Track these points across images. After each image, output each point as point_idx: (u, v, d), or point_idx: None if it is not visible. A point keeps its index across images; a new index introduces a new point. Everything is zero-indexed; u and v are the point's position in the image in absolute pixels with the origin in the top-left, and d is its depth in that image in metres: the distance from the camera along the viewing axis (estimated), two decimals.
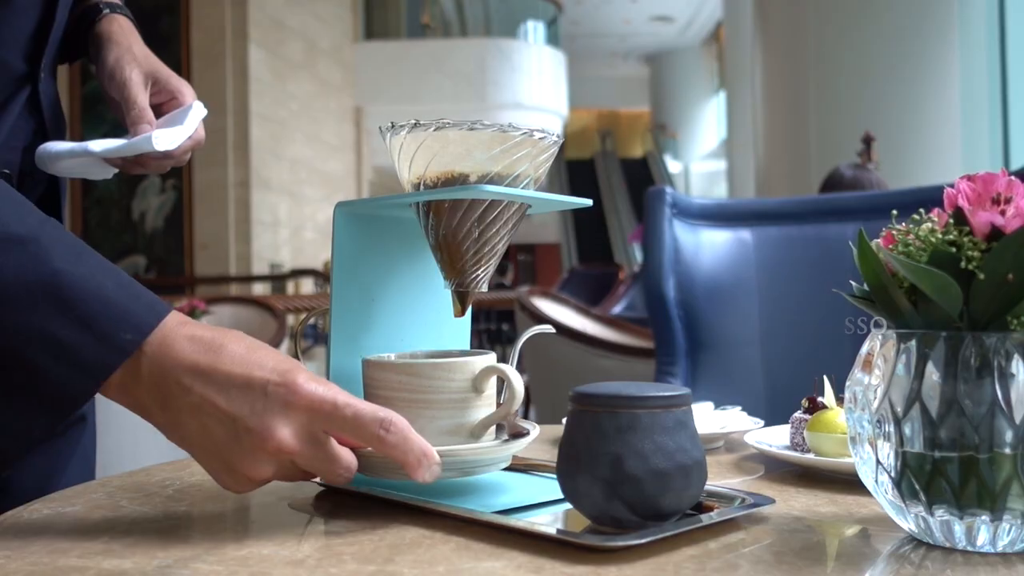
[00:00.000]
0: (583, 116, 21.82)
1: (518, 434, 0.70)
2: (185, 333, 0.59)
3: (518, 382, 0.65)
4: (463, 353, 0.70)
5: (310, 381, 0.59)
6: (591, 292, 6.73)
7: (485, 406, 0.67)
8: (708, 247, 1.67)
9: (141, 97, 0.83)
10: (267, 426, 0.57)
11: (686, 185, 18.55)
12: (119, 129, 0.86)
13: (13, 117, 0.79)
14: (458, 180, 0.68)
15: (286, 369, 0.59)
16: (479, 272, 0.71)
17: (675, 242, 1.65)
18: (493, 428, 0.68)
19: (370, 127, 10.87)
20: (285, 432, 0.57)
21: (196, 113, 0.83)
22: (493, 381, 0.67)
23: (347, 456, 0.61)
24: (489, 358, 0.67)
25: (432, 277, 0.78)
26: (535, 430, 0.70)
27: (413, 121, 0.68)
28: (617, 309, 5.70)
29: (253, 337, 0.63)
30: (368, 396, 0.66)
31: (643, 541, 0.54)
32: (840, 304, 1.45)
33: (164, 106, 0.86)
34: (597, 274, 8.15)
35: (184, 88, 0.87)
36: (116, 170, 0.84)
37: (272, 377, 0.58)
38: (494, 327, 6.39)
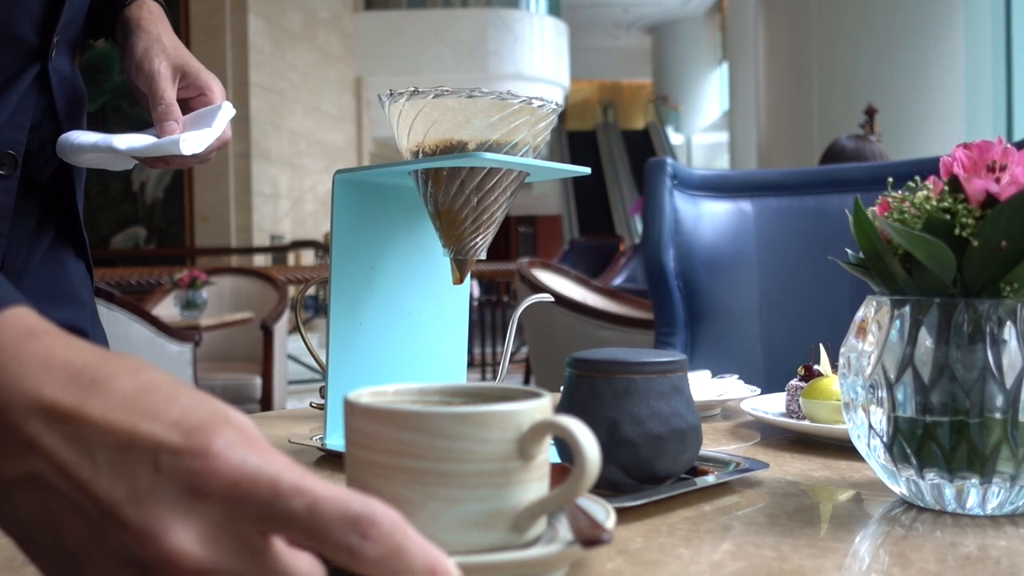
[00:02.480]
0: (585, 87, 21.70)
1: (594, 538, 0.41)
2: (37, 350, 0.36)
3: (590, 445, 0.40)
4: (500, 393, 0.46)
5: (235, 445, 0.35)
6: (592, 264, 6.74)
7: (535, 480, 0.43)
8: (708, 218, 1.67)
9: (169, 92, 0.81)
10: (153, 522, 0.34)
11: (688, 157, 18.49)
12: (121, 100, 0.85)
13: (19, 95, 0.78)
14: (457, 148, 0.69)
15: (197, 424, 0.35)
16: (478, 239, 0.72)
17: (675, 213, 1.65)
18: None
19: (370, 98, 10.81)
20: (184, 536, 0.34)
21: (225, 114, 0.81)
22: (548, 442, 0.44)
23: (307, 569, 0.36)
24: (542, 404, 0.43)
25: (431, 245, 0.78)
26: (610, 519, 0.45)
27: (412, 89, 0.69)
28: (617, 281, 5.71)
29: (153, 364, 0.39)
30: (352, 460, 0.43)
31: (638, 503, 0.55)
32: (839, 276, 1.46)
33: (192, 101, 0.84)
34: (598, 246, 8.15)
35: (213, 84, 0.85)
36: (136, 162, 0.83)
37: (171, 438, 0.35)
38: (495, 298, 6.40)
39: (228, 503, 0.34)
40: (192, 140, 0.77)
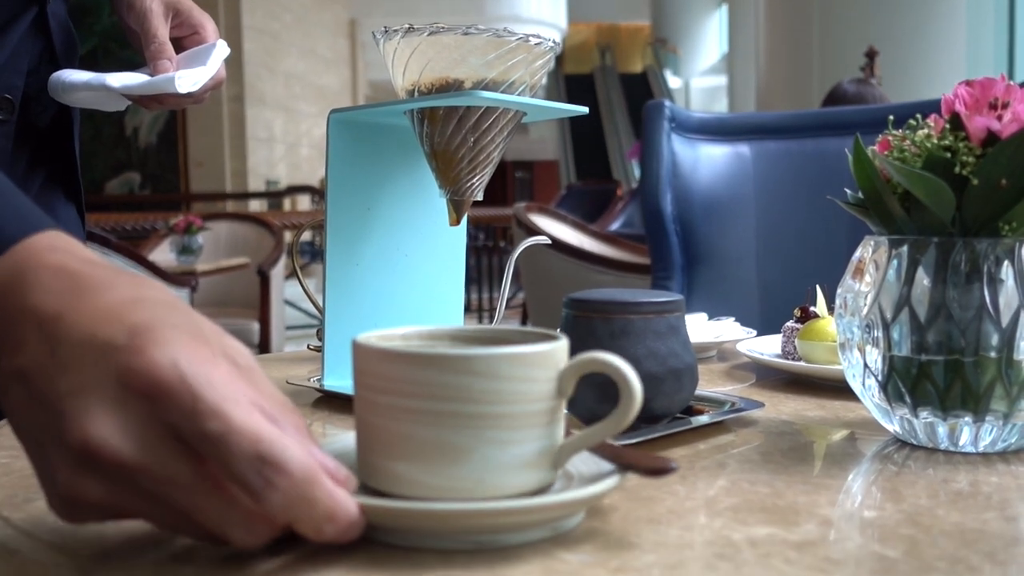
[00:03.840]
0: (582, 30, 21.38)
1: (663, 467, 0.42)
2: (53, 261, 0.40)
3: (635, 379, 0.41)
4: (510, 335, 0.46)
5: (174, 349, 0.36)
6: (589, 209, 6.71)
7: (563, 419, 0.44)
8: (706, 162, 1.66)
9: (161, 30, 0.79)
10: (82, 411, 0.35)
11: (686, 101, 18.29)
12: (111, 43, 0.84)
13: (17, 38, 0.76)
14: (453, 86, 0.68)
15: (145, 326, 0.37)
16: (474, 180, 0.71)
17: (673, 156, 1.64)
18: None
19: (365, 40, 10.66)
20: (106, 425, 0.35)
21: (219, 53, 0.80)
22: None
23: (219, 504, 0.36)
24: (566, 344, 0.43)
25: (428, 186, 0.77)
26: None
27: (407, 26, 0.67)
28: (614, 226, 5.70)
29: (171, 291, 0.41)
30: (384, 410, 0.40)
31: (634, 441, 0.56)
32: (837, 219, 1.45)
33: (184, 40, 0.83)
34: (595, 191, 8.11)
35: (206, 22, 0.83)
36: (129, 102, 0.82)
37: (117, 337, 0.36)
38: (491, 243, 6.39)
39: (151, 402, 0.35)
40: (187, 78, 0.76)
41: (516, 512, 0.39)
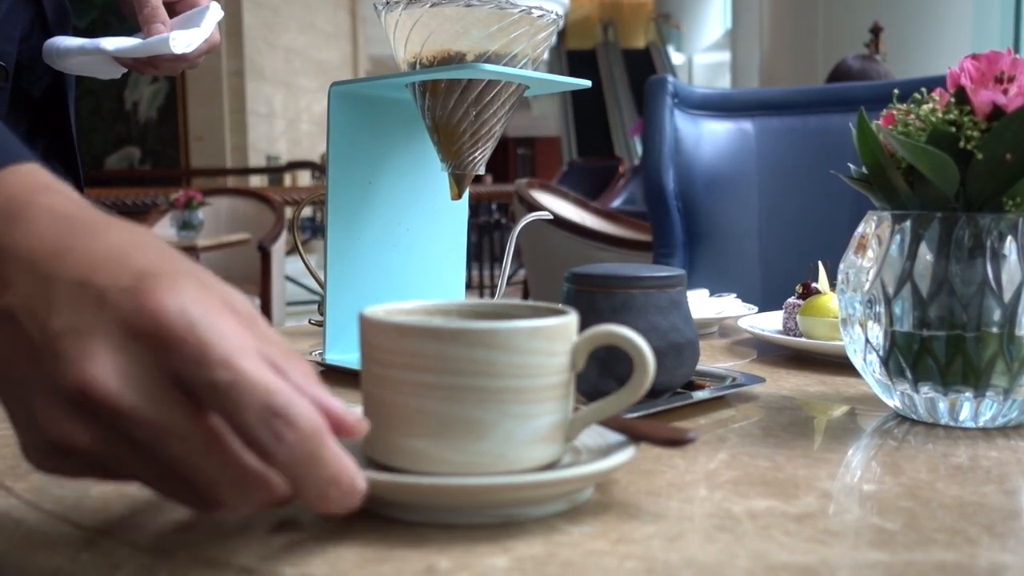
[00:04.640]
0: (584, 5, 21.22)
1: (682, 438, 0.42)
2: (46, 201, 0.38)
3: (649, 352, 0.42)
4: (517, 309, 0.45)
5: (184, 295, 0.35)
6: (591, 186, 6.69)
7: (574, 392, 0.44)
8: (709, 138, 1.65)
9: None
10: (80, 352, 0.34)
11: (689, 77, 18.19)
12: (110, 15, 0.83)
13: (7, 4, 0.76)
14: (455, 59, 0.67)
15: (152, 271, 0.35)
16: (476, 154, 0.71)
17: (675, 132, 1.63)
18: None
19: (365, 14, 10.58)
20: (105, 368, 0.34)
21: (213, 15, 0.81)
22: None
23: (223, 458, 0.35)
24: (576, 317, 0.43)
25: (429, 160, 0.77)
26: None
27: None
28: (616, 203, 5.69)
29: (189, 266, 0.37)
30: (401, 385, 0.40)
31: (635, 416, 0.56)
32: (839, 196, 1.44)
33: (177, 5, 0.83)
34: (597, 168, 8.08)
35: None
36: (125, 69, 0.82)
37: (122, 279, 0.35)
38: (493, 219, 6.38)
39: (157, 348, 0.34)
40: (182, 39, 0.76)
41: (544, 485, 0.39)
